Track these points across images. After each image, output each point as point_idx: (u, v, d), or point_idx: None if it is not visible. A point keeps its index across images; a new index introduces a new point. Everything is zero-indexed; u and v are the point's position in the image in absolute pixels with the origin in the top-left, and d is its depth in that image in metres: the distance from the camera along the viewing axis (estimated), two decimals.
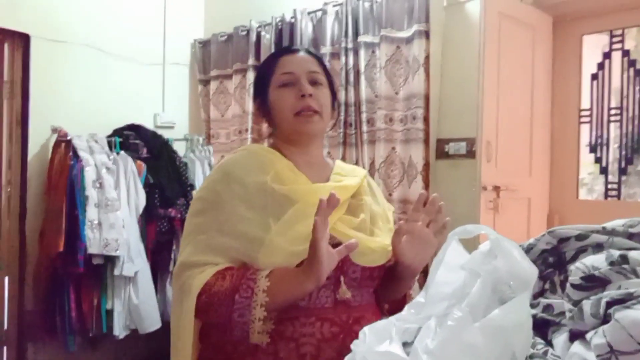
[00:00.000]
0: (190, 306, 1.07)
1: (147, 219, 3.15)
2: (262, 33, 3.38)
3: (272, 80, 1.21)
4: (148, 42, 3.55)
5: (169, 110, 3.68)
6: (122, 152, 3.10)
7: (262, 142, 3.27)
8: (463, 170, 2.64)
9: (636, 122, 2.89)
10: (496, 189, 2.53)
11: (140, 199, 3.09)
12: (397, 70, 2.78)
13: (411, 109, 2.70)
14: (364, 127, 2.89)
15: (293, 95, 1.18)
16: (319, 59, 1.27)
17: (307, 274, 1.01)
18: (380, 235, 1.18)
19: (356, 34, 2.94)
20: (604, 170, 3.04)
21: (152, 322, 3.05)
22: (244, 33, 3.49)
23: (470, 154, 2.62)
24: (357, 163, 2.97)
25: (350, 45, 2.95)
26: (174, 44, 3.70)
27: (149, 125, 3.44)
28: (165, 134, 3.47)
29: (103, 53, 3.30)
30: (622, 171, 2.98)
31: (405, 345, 0.72)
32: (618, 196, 2.98)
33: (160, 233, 3.17)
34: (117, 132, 3.22)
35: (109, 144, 3.09)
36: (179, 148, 3.51)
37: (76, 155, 2.88)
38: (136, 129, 3.29)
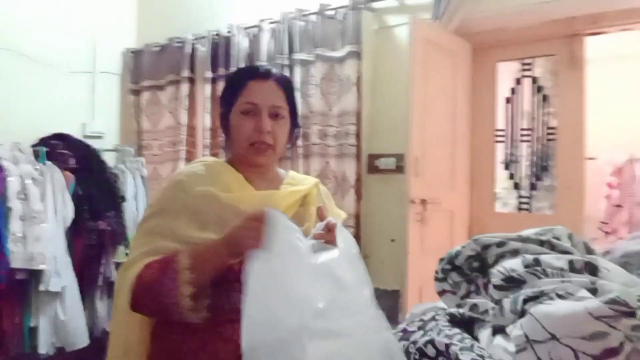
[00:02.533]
0: (124, 299, 1.13)
1: (75, 231, 3.05)
2: (197, 46, 3.40)
3: (237, 103, 1.25)
4: (77, 49, 3.46)
5: (98, 120, 3.59)
6: (49, 162, 2.99)
7: (218, 154, 3.28)
8: (392, 184, 2.80)
9: (544, 142, 3.20)
10: (423, 202, 2.71)
11: (68, 210, 2.99)
12: (331, 88, 2.91)
13: (344, 125, 2.84)
14: (299, 142, 2.99)
15: (252, 126, 1.22)
16: (287, 88, 1.29)
17: (222, 242, 1.08)
18: None
19: (291, 51, 3.05)
20: (516, 186, 3.34)
21: (79, 339, 2.94)
22: (179, 45, 3.49)
23: (399, 169, 2.78)
24: None
25: (286, 62, 3.05)
26: (105, 52, 3.63)
27: (76, 134, 3.34)
28: (94, 144, 3.37)
29: (29, 59, 3.18)
30: (532, 186, 3.28)
31: None
32: (529, 209, 3.28)
33: (89, 246, 3.08)
34: (44, 142, 3.09)
35: (35, 153, 2.97)
36: (109, 159, 3.43)
37: None
38: (64, 139, 3.17)
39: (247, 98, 1.24)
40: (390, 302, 2.66)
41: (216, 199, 1.18)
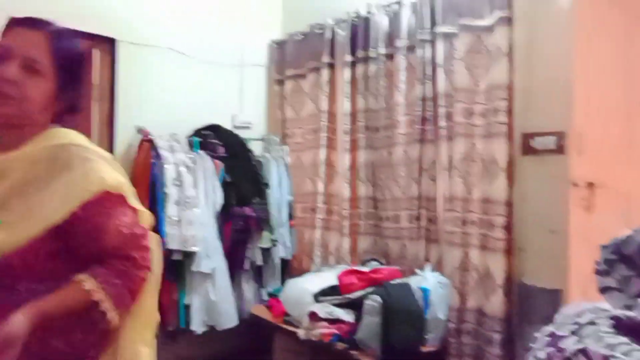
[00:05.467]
0: None
1: (224, 217, 3.21)
2: (337, 30, 3.34)
3: None
4: (227, 44, 3.63)
5: (246, 111, 3.74)
6: (201, 151, 3.19)
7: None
8: (552, 167, 2.42)
9: None
10: (589, 185, 2.30)
11: (218, 197, 3.16)
12: (478, 61, 2.62)
13: (493, 101, 2.53)
14: (442, 122, 2.76)
15: None
16: (62, 48, 1.14)
17: None
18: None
19: (433, 24, 2.82)
20: None
21: (229, 319, 3.10)
22: (320, 31, 3.47)
23: (560, 149, 2.39)
24: (434, 161, 2.83)
25: (427, 37, 2.83)
26: (252, 46, 3.77)
27: (227, 125, 3.51)
28: (242, 133, 3.53)
29: (184, 56, 3.42)
30: None
31: None
32: None
33: (236, 231, 3.22)
34: (197, 132, 3.31)
35: (189, 143, 3.19)
36: (255, 148, 3.56)
37: (158, 155, 3.00)
38: (215, 129, 3.37)
39: (1, 42, 1.11)
40: (548, 302, 2.30)
41: None
